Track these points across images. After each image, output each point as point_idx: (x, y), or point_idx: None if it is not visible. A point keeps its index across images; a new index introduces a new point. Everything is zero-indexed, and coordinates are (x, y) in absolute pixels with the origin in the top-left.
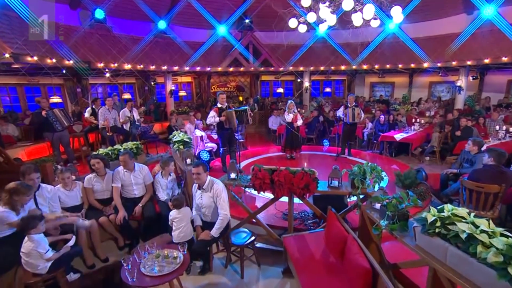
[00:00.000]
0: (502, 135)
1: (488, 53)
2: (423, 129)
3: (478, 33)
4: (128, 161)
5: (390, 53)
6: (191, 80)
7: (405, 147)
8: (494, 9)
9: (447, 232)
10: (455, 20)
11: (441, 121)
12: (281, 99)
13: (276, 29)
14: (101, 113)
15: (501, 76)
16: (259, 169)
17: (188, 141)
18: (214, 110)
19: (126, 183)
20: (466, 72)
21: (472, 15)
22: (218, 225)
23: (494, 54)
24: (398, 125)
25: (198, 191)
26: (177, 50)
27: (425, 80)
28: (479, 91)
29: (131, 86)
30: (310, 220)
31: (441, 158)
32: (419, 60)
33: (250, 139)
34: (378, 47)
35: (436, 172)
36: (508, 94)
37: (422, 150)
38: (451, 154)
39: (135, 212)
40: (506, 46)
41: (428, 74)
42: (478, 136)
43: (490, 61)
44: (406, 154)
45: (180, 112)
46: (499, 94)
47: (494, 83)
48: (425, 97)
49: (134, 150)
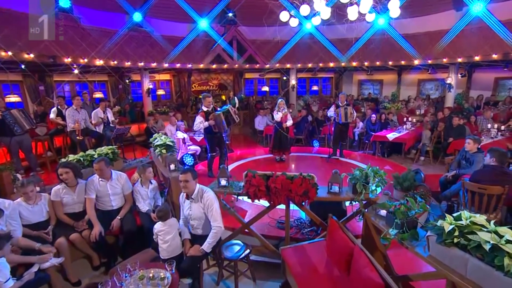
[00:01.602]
0: (495, 133)
1: (477, 50)
2: (415, 128)
3: (468, 30)
4: (104, 169)
5: (380, 49)
6: (170, 78)
7: (397, 147)
8: (483, 6)
9: (467, 243)
10: (444, 17)
11: (433, 120)
12: (266, 98)
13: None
14: (68, 114)
15: (488, 74)
16: (253, 175)
17: (172, 145)
18: (200, 115)
19: (101, 194)
20: (456, 69)
21: (461, 11)
22: (210, 239)
23: (484, 51)
24: (390, 124)
25: (186, 201)
26: (154, 45)
27: (413, 78)
28: (467, 89)
29: (103, 84)
30: (307, 229)
31: (434, 158)
32: (410, 57)
33: (235, 141)
34: (368, 43)
35: (429, 172)
36: (495, 92)
37: (417, 150)
38: (444, 153)
39: (112, 226)
40: (496, 43)
41: (417, 72)
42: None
43: (480, 58)
44: (398, 154)
45: (159, 112)
46: (486, 92)
47: (482, 81)
48: (414, 95)
49: (110, 155)
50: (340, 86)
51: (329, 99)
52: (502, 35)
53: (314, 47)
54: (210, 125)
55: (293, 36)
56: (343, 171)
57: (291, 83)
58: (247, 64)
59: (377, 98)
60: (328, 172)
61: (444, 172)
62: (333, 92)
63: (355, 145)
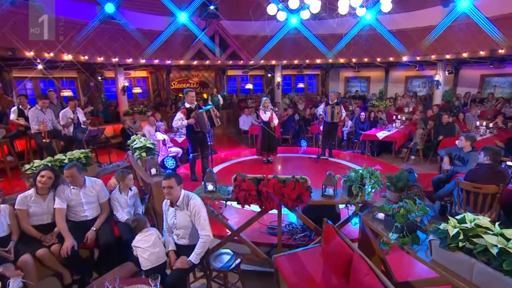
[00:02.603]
0: (483, 131)
1: (465, 46)
2: (405, 126)
3: (455, 26)
4: (77, 176)
5: (368, 46)
6: (147, 75)
7: (387, 146)
8: (470, 2)
9: (473, 246)
10: (431, 12)
11: (422, 118)
12: (250, 96)
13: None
14: (32, 114)
15: (474, 71)
16: (242, 179)
17: (152, 147)
18: (181, 112)
19: (74, 203)
20: (444, 66)
21: (448, 7)
22: (199, 249)
23: (471, 48)
24: (379, 123)
25: (170, 209)
26: (129, 39)
27: (401, 75)
28: (454, 86)
29: (72, 82)
30: (299, 234)
31: (424, 157)
32: (398, 53)
33: (218, 142)
34: (356, 39)
35: (420, 171)
36: (481, 89)
37: (407, 149)
38: (434, 152)
39: (86, 238)
40: (483, 40)
41: (404, 68)
42: (460, 132)
43: (468, 55)
44: (388, 153)
45: (136, 112)
46: (473, 89)
47: (468, 78)
48: (401, 92)
49: (83, 160)
50: (327, 83)
51: (315, 97)
52: (489, 32)
53: (301, 42)
54: (190, 123)
55: (279, 31)
56: (334, 172)
57: (276, 81)
58: (230, 60)
59: (364, 96)
60: (318, 173)
61: (435, 171)
62: (320, 90)
63: (344, 145)
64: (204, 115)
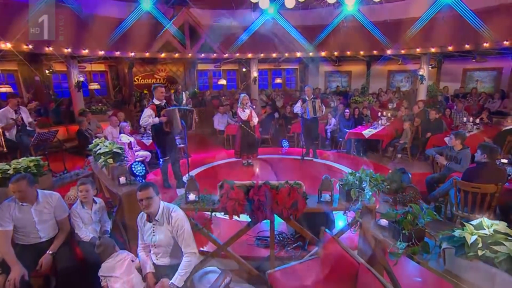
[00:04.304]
0: (471, 127)
1: (450, 39)
2: (390, 123)
3: (440, 19)
4: (27, 190)
5: (350, 38)
6: (105, 69)
7: (373, 145)
8: None
9: (494, 255)
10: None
11: (408, 114)
12: (224, 93)
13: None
14: None
15: (457, 65)
16: (231, 187)
17: (120, 152)
18: (151, 108)
19: (22, 223)
20: (428, 60)
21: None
22: (183, 270)
23: (456, 41)
24: (365, 120)
25: (148, 224)
26: (84, 27)
27: (383, 69)
28: (437, 80)
29: (11, 76)
30: (292, 245)
31: (412, 155)
32: (382, 47)
33: (190, 143)
34: (336, 31)
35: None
36: (464, 84)
37: (394, 147)
38: (423, 150)
39: (40, 264)
40: (468, 33)
41: (387, 62)
42: (447, 129)
43: (454, 48)
44: (374, 152)
45: (94, 111)
46: (456, 83)
47: (451, 72)
48: (384, 87)
49: (33, 169)
50: (306, 78)
51: (294, 93)
52: (474, 25)
53: (279, 34)
54: (161, 122)
55: (255, 21)
56: (321, 174)
57: (253, 75)
58: (202, 53)
59: (346, 91)
60: (307, 176)
61: (425, 170)
62: (298, 85)
63: (327, 144)
64: (176, 112)
